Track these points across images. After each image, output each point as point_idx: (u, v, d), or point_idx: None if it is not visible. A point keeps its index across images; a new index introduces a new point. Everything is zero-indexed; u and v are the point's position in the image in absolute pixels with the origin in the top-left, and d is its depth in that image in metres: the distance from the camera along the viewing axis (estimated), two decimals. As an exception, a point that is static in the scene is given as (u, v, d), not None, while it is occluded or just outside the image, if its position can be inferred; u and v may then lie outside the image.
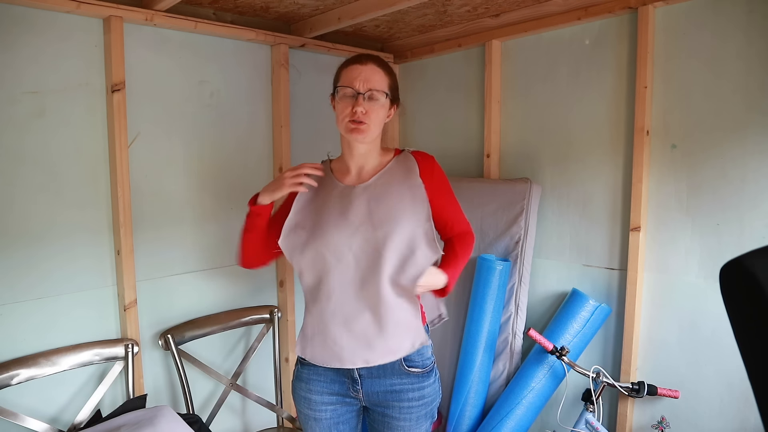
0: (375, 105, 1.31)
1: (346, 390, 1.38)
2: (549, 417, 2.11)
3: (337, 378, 1.38)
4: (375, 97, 1.30)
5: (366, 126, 1.30)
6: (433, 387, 1.39)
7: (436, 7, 2.03)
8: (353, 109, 1.29)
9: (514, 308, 2.14)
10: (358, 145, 1.36)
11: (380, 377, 1.35)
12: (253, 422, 2.31)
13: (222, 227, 2.14)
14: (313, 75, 2.39)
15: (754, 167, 1.62)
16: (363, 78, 1.30)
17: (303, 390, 1.41)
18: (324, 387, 1.39)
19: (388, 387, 1.35)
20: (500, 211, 2.17)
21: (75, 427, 1.71)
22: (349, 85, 1.31)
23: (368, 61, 1.32)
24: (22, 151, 1.65)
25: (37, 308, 1.69)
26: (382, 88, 1.32)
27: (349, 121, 1.30)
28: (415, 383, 1.36)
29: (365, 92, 1.29)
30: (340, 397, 1.39)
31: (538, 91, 2.17)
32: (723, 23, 1.67)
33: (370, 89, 1.30)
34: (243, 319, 2.15)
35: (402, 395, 1.35)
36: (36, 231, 1.68)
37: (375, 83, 1.31)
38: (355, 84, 1.30)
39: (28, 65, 1.64)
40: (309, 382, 1.40)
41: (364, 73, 1.30)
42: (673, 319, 1.82)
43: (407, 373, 1.35)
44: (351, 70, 1.32)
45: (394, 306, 1.29)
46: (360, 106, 1.28)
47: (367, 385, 1.36)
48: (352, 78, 1.31)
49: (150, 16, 1.80)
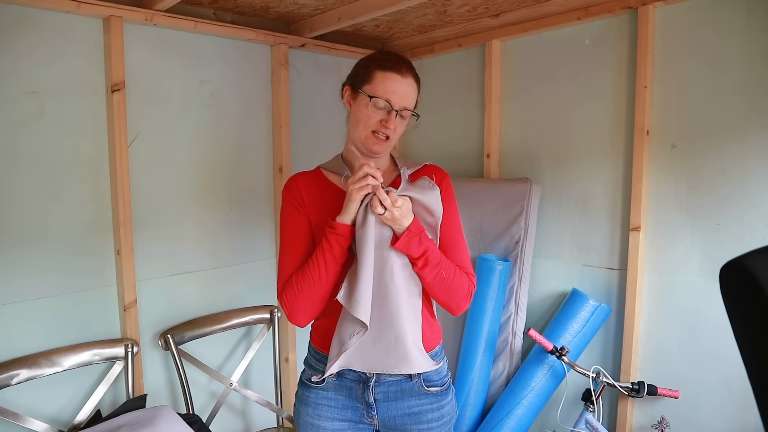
0: (402, 122, 1.25)
1: (360, 416, 1.27)
2: (549, 417, 2.11)
3: (350, 403, 1.27)
4: (405, 116, 1.24)
5: (389, 141, 1.23)
6: (451, 404, 1.32)
7: (436, 7, 2.03)
8: (383, 124, 1.20)
9: (514, 308, 2.14)
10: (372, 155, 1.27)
11: (397, 400, 1.26)
12: (253, 422, 2.31)
13: (222, 227, 2.14)
14: (313, 75, 2.39)
15: (754, 167, 1.62)
16: (402, 94, 1.21)
17: (310, 416, 1.29)
18: (334, 413, 1.27)
19: (406, 410, 1.26)
20: (500, 211, 2.17)
21: (75, 427, 1.71)
22: (385, 98, 1.20)
23: (408, 74, 1.23)
24: (22, 151, 1.64)
25: (37, 308, 1.69)
26: (412, 106, 1.25)
27: (373, 132, 1.21)
28: (434, 403, 1.27)
29: (400, 110, 1.21)
30: (353, 423, 1.28)
31: (538, 91, 2.17)
32: (723, 23, 1.67)
33: (404, 108, 1.22)
34: (243, 319, 2.15)
35: (421, 417, 1.26)
36: (36, 231, 1.68)
37: (409, 102, 1.23)
38: (393, 100, 1.20)
39: (27, 65, 1.64)
40: (317, 407, 1.28)
41: (403, 89, 1.21)
42: (673, 319, 1.82)
43: (426, 393, 1.26)
44: (390, 80, 1.20)
45: (413, 321, 1.21)
46: (392, 123, 1.20)
47: (383, 410, 1.26)
48: (390, 91, 1.20)
49: (150, 16, 1.80)
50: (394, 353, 1.19)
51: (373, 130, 1.21)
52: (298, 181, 1.30)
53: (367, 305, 1.15)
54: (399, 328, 1.18)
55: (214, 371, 2.06)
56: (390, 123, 1.20)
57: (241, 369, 2.11)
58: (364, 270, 1.15)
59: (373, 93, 1.20)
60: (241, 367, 2.11)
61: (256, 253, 2.26)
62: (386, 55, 1.25)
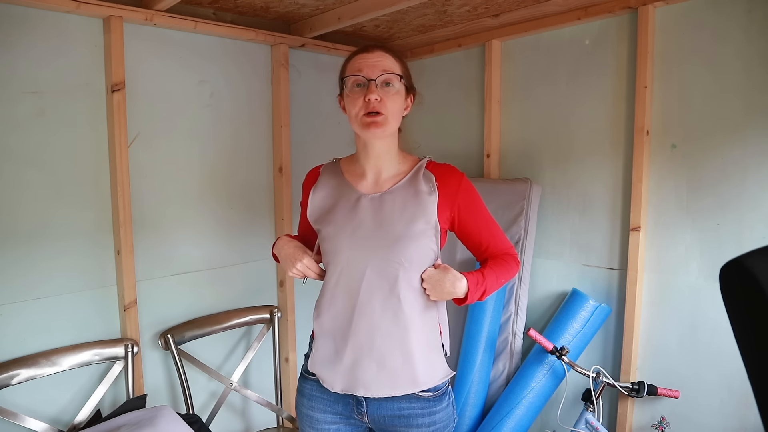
0: (390, 91, 1.17)
1: (350, 411, 1.27)
2: (549, 417, 2.11)
3: (341, 398, 1.27)
4: (389, 80, 1.17)
5: (383, 117, 1.16)
6: (446, 411, 1.26)
7: (436, 7, 2.03)
8: (366, 98, 1.15)
9: (514, 308, 2.14)
10: (376, 143, 1.22)
11: (387, 400, 1.23)
12: (253, 422, 2.31)
13: (222, 227, 2.14)
14: (313, 75, 2.39)
15: (754, 167, 1.62)
16: (371, 63, 1.17)
17: (305, 407, 1.32)
18: (327, 406, 1.29)
19: (396, 411, 1.23)
20: (500, 211, 2.17)
21: (75, 427, 1.71)
22: (357, 72, 1.17)
23: (375, 50, 1.20)
24: (22, 151, 1.64)
25: (37, 308, 1.69)
26: (395, 70, 1.18)
27: (364, 114, 1.17)
28: (426, 408, 1.23)
29: (377, 77, 1.15)
30: (344, 417, 1.28)
31: (538, 91, 2.17)
32: (723, 23, 1.67)
33: (382, 72, 1.16)
34: (243, 319, 2.15)
35: (411, 420, 1.23)
36: (36, 231, 1.68)
37: (386, 66, 1.17)
38: (364, 70, 1.16)
39: (28, 65, 1.64)
40: (312, 398, 1.30)
41: (372, 59, 1.17)
42: (673, 319, 1.82)
43: (416, 397, 1.23)
44: (357, 59, 1.20)
45: (418, 334, 1.21)
46: (374, 93, 1.15)
47: (372, 408, 1.24)
48: (359, 66, 1.18)
49: (150, 16, 1.80)
50: (401, 377, 1.21)
51: (364, 112, 1.17)
52: (312, 176, 1.37)
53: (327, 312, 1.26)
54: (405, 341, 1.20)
55: (214, 371, 2.06)
56: (371, 92, 1.15)
57: (241, 369, 2.11)
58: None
59: (347, 75, 1.21)
60: (241, 367, 2.11)
61: (256, 253, 2.26)
62: (361, 46, 1.26)
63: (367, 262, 1.19)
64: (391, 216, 1.20)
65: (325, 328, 1.26)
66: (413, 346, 1.19)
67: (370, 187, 1.26)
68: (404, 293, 1.18)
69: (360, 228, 1.21)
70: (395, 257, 1.18)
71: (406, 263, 1.18)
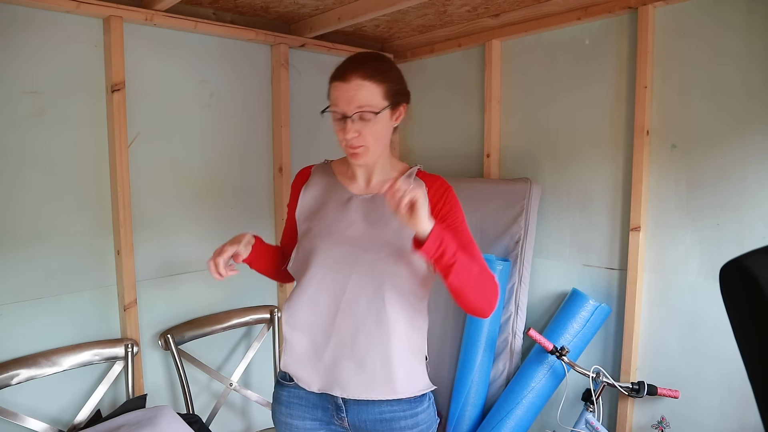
0: (367, 125, 1.15)
1: (330, 417, 1.25)
2: (549, 417, 2.11)
3: (320, 403, 1.25)
4: (365, 117, 1.15)
5: (363, 149, 1.17)
6: (427, 412, 1.26)
7: (436, 7, 2.03)
8: (344, 135, 1.16)
9: (514, 308, 2.14)
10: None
11: (367, 404, 1.21)
12: (253, 422, 2.31)
13: (222, 227, 2.14)
14: (313, 75, 2.39)
15: (755, 167, 1.62)
16: (346, 99, 1.14)
17: (283, 415, 1.29)
18: (306, 412, 1.26)
19: (377, 415, 1.21)
20: (500, 211, 2.17)
21: (75, 427, 1.71)
22: (333, 109, 1.17)
23: (353, 76, 1.14)
24: (22, 151, 1.65)
25: (37, 308, 1.69)
26: (371, 104, 1.14)
27: (346, 146, 1.18)
28: (407, 410, 1.22)
29: (352, 114, 1.14)
30: (324, 423, 1.26)
31: (538, 91, 2.17)
32: (723, 23, 1.67)
33: (357, 109, 1.14)
34: (243, 319, 2.15)
35: (393, 424, 1.21)
36: (35, 231, 1.68)
37: (362, 100, 1.14)
38: (340, 105, 1.15)
39: (28, 65, 1.64)
40: (290, 405, 1.27)
41: (347, 94, 1.14)
42: (673, 319, 1.82)
43: (397, 399, 1.21)
44: (335, 89, 1.17)
45: (401, 344, 1.20)
46: (350, 132, 1.14)
47: (352, 413, 1.22)
48: (335, 100, 1.17)
49: (150, 16, 1.80)
50: (379, 379, 1.19)
51: (345, 144, 1.18)
52: (302, 175, 1.37)
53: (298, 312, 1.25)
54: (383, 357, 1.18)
55: (214, 371, 2.06)
56: (347, 132, 1.15)
57: (241, 369, 2.11)
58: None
59: (329, 107, 1.19)
60: (241, 367, 2.11)
61: (256, 253, 2.26)
62: (342, 63, 1.20)
63: (356, 261, 1.19)
64: (382, 218, 1.20)
65: (304, 325, 1.24)
66: (394, 351, 1.18)
67: (362, 189, 1.27)
68: (389, 295, 1.17)
69: (350, 228, 1.22)
70: (384, 259, 1.17)
71: (394, 266, 1.17)
